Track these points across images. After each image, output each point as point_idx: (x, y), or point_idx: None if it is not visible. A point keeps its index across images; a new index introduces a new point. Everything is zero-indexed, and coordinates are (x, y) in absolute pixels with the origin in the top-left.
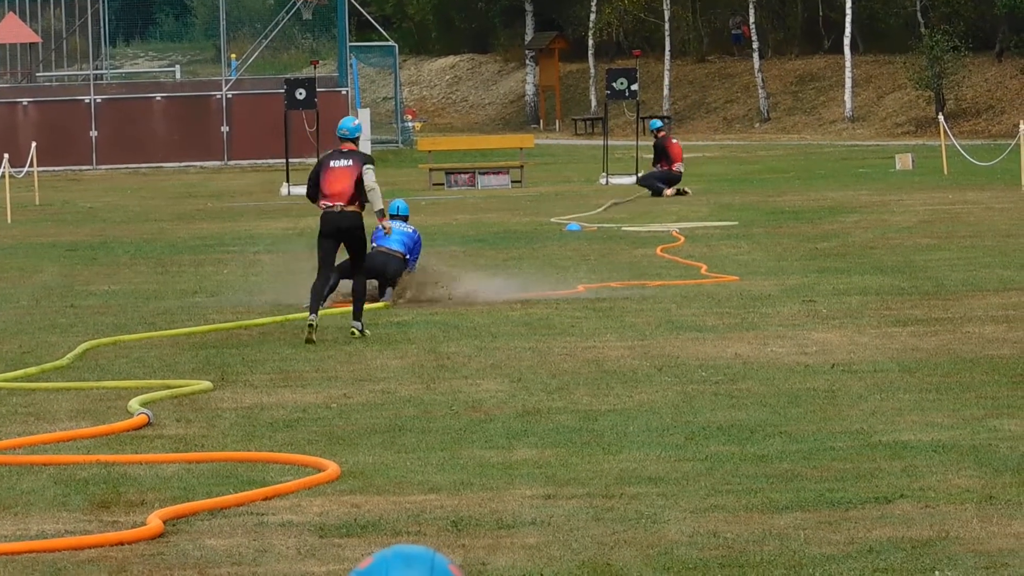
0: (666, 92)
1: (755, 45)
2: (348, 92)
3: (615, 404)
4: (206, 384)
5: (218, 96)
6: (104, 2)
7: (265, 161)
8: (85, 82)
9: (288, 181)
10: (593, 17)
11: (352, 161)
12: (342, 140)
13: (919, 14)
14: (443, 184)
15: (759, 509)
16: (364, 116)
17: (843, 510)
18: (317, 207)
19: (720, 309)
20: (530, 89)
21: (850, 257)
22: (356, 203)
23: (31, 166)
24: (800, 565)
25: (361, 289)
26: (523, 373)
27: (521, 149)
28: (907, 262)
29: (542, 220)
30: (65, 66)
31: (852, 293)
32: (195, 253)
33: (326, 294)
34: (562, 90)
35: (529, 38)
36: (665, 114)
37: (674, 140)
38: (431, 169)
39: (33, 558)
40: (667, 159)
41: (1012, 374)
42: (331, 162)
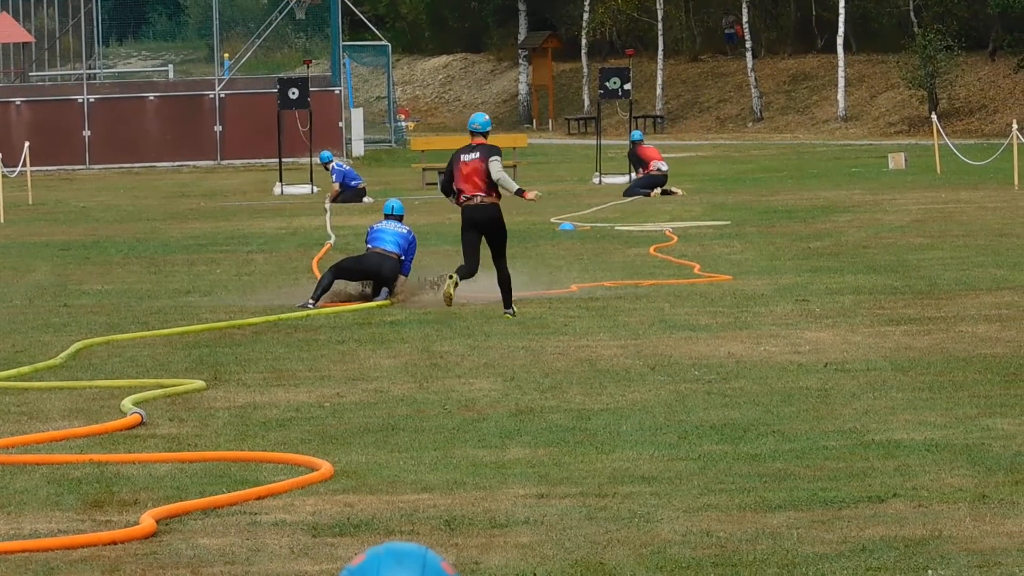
0: (659, 91)
1: (748, 44)
2: (341, 91)
3: (608, 403)
4: (199, 383)
5: (211, 95)
6: (97, 2)
7: (258, 161)
8: (78, 81)
9: (281, 180)
10: (586, 16)
11: (479, 154)
12: (473, 135)
13: (912, 13)
14: (436, 184)
15: (752, 508)
16: (357, 116)
17: (836, 509)
18: (451, 202)
19: (713, 308)
20: (523, 88)
21: (843, 256)
22: (493, 194)
23: (24, 165)
24: (793, 564)
25: (505, 278)
26: (516, 372)
27: (514, 148)
28: (900, 261)
29: (535, 219)
30: (58, 65)
31: (845, 292)
32: (188, 252)
33: (319, 294)
34: (555, 89)
35: (522, 37)
36: (658, 113)
37: (645, 144)
38: (424, 168)
39: (26, 557)
40: (643, 165)
41: (1005, 373)
42: (462, 156)
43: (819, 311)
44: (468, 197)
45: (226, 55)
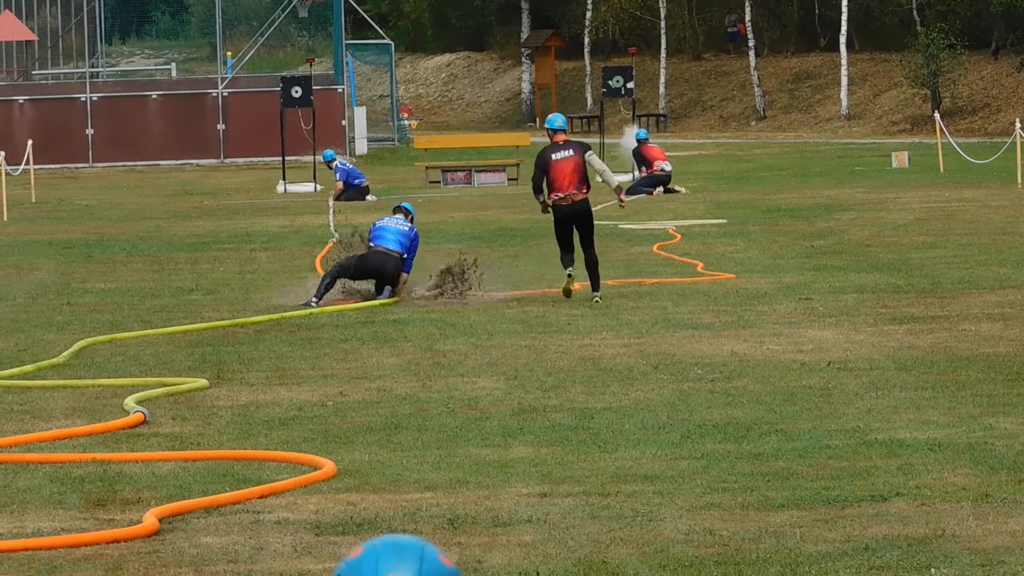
0: (662, 90)
1: (751, 43)
2: (344, 90)
3: (611, 402)
4: (202, 382)
5: (214, 94)
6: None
7: (261, 159)
8: (81, 80)
9: (284, 179)
10: (589, 15)
11: (573, 151)
12: (554, 132)
13: (915, 12)
14: (439, 182)
15: (755, 507)
16: (360, 114)
17: (839, 508)
18: (539, 200)
19: (716, 307)
20: (526, 87)
21: (846, 255)
22: (584, 188)
23: (27, 164)
24: (796, 563)
25: (595, 261)
26: (519, 371)
27: (517, 147)
28: (903, 260)
29: (538, 218)
30: (61, 64)
31: (848, 291)
32: (191, 251)
33: (322, 292)
34: (558, 88)
35: (525, 36)
36: (661, 112)
37: (650, 144)
38: (427, 167)
39: (29, 556)
40: (647, 164)
41: (1008, 372)
42: (552, 155)
43: (822, 310)
44: (562, 196)
45: (229, 53)
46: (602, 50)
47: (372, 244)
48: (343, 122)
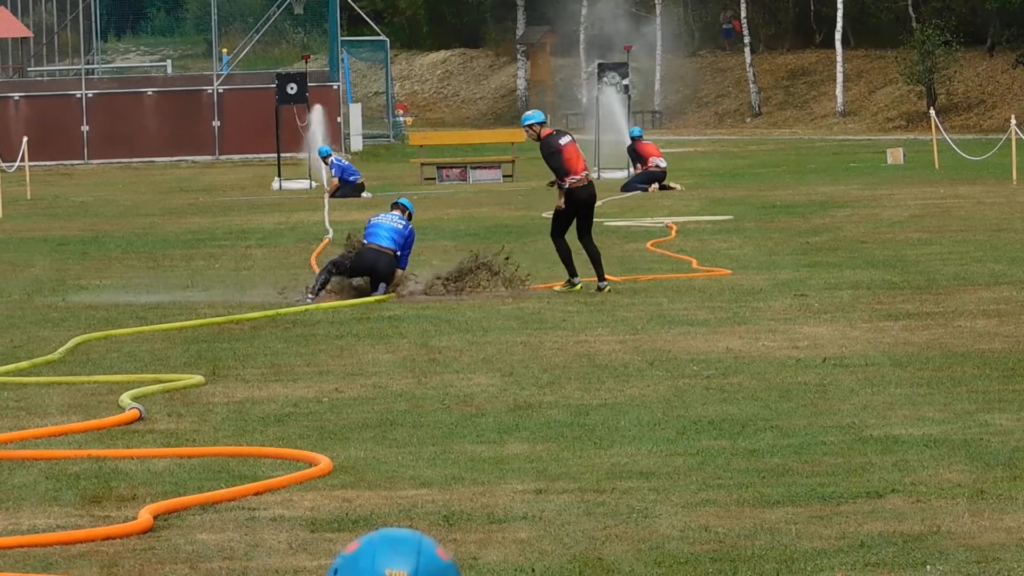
0: (657, 87)
1: (746, 40)
2: (339, 87)
3: (606, 398)
4: (198, 379)
5: (209, 91)
6: None
7: (256, 156)
8: (76, 77)
9: (279, 176)
10: (584, 11)
11: (569, 136)
12: (541, 126)
13: (910, 8)
14: (435, 179)
15: (750, 504)
16: (355, 111)
17: (834, 504)
18: (558, 185)
19: (711, 303)
20: (521, 84)
21: (841, 251)
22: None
23: (22, 161)
24: (791, 559)
25: (598, 255)
26: (514, 367)
27: (512, 144)
28: (898, 256)
29: (534, 214)
30: (56, 61)
31: (843, 287)
32: (186, 247)
33: (317, 289)
34: (553, 85)
35: (520, 33)
36: (656, 109)
37: (644, 141)
38: (423, 164)
39: (25, 552)
40: (642, 161)
41: (1003, 368)
42: (560, 141)
43: (817, 306)
44: (579, 178)
45: (224, 50)
46: (597, 47)
47: (366, 241)
48: (339, 119)
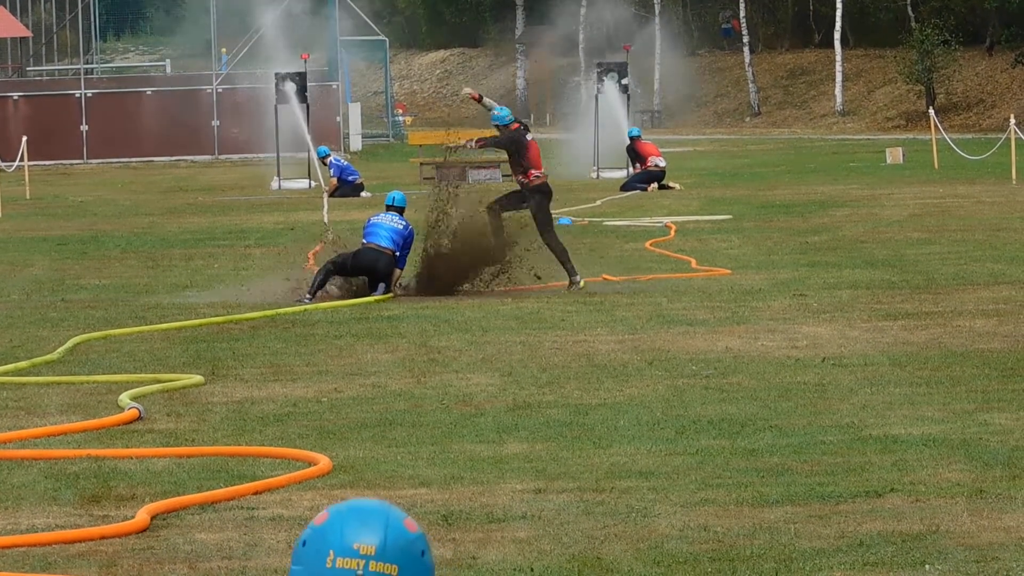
0: (656, 86)
1: (745, 39)
2: (339, 86)
3: (605, 398)
4: (197, 378)
5: (208, 90)
6: None
7: (256, 155)
8: (76, 76)
9: (279, 175)
10: (583, 11)
11: (531, 135)
12: (512, 122)
13: (909, 8)
14: (434, 178)
15: (749, 503)
16: (354, 110)
17: (833, 504)
18: (478, 146)
19: (711, 303)
20: (520, 83)
21: (841, 251)
22: None
23: (22, 160)
24: (790, 559)
25: (559, 247)
26: (514, 367)
27: None
28: (898, 256)
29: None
30: (56, 60)
31: (843, 287)
32: (186, 247)
33: (315, 289)
34: (552, 84)
35: (519, 32)
36: (655, 108)
37: (643, 140)
38: (422, 163)
39: (24, 552)
40: (641, 161)
41: (1002, 368)
42: (527, 137)
43: (816, 306)
44: (539, 174)
45: (223, 50)
46: (596, 46)
47: (365, 241)
48: (338, 118)
